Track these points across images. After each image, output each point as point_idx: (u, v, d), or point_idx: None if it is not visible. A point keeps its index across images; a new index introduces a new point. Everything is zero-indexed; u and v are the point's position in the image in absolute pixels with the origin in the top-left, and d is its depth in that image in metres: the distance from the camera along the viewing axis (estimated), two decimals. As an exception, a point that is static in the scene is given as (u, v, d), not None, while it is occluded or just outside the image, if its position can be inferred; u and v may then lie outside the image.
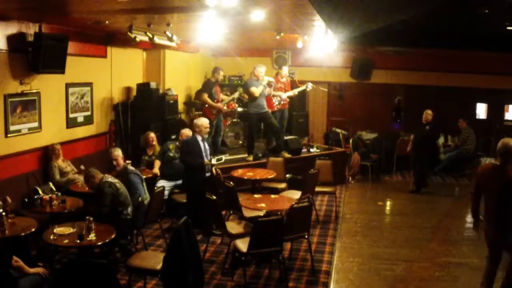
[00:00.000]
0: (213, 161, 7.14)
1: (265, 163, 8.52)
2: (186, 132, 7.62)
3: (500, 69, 11.34)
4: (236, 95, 9.69)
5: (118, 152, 6.23)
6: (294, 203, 5.73)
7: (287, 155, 9.10)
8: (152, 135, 7.87)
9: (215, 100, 9.22)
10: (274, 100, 9.68)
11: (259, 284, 5.42)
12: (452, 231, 7.42)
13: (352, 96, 12.65)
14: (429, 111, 9.51)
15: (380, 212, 8.61)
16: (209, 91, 9.19)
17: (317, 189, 7.66)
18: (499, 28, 8.66)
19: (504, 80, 11.40)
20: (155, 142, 7.86)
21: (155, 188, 6.25)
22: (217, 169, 7.33)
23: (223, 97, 9.64)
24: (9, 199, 5.30)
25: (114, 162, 6.18)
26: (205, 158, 6.77)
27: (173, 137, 8.75)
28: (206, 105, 9.19)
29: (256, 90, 8.77)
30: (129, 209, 5.65)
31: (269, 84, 9.10)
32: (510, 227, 4.63)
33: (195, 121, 7.02)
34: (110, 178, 5.60)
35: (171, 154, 7.51)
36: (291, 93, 9.90)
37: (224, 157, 8.90)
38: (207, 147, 6.92)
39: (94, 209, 5.44)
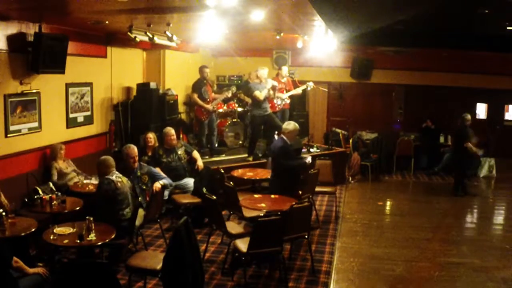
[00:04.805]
0: None
1: (265, 163, 8.52)
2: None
3: (500, 69, 11.35)
4: (229, 93, 9.63)
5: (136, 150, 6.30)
6: (294, 203, 5.73)
7: (287, 155, 9.08)
8: (150, 135, 7.78)
9: (207, 100, 9.18)
10: (275, 101, 9.68)
11: (259, 284, 5.42)
12: (452, 231, 7.43)
13: (352, 96, 12.65)
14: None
15: (380, 212, 8.61)
16: (198, 91, 9.15)
17: (317, 189, 7.65)
18: (499, 28, 8.66)
19: (504, 80, 11.42)
20: (151, 143, 7.76)
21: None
22: (220, 169, 7.32)
23: (215, 95, 9.60)
24: None
25: (131, 160, 6.14)
26: None
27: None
28: (197, 106, 9.18)
29: (260, 94, 8.73)
30: (127, 209, 5.55)
31: (273, 88, 9.07)
32: None
33: (287, 126, 6.69)
34: (115, 176, 5.50)
35: (164, 160, 7.33)
36: (294, 91, 9.88)
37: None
38: None
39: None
